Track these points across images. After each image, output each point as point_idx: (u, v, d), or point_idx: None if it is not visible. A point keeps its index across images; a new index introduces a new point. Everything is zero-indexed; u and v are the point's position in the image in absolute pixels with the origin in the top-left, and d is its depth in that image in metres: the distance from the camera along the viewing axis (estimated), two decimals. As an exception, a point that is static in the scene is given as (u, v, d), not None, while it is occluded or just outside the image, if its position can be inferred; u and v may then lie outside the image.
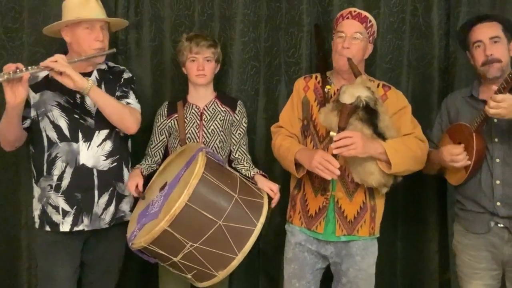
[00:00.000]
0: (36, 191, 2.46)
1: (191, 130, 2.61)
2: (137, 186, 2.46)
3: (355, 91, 2.23)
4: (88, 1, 2.40)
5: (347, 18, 2.44)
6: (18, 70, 2.13)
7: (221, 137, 2.62)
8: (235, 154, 2.67)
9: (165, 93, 2.92)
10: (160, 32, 2.88)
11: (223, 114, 2.64)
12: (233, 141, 2.67)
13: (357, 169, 2.33)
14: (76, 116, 2.40)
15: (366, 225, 2.42)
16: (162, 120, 2.66)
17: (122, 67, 2.61)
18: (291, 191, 2.58)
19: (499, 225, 2.35)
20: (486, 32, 2.37)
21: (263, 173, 2.59)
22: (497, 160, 2.35)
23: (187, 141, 2.60)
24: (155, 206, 2.27)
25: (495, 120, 2.34)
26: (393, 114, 2.40)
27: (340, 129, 2.24)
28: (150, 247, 2.15)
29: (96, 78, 2.45)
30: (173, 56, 2.83)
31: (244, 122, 2.71)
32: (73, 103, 2.40)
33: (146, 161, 2.66)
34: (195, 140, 2.60)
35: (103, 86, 2.44)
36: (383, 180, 2.34)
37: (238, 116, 2.67)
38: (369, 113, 2.27)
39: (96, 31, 2.38)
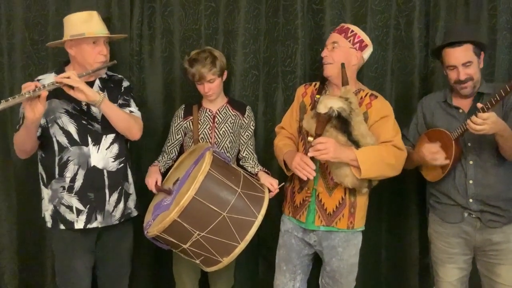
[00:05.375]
0: (46, 193, 2.50)
1: (204, 132, 2.74)
2: (156, 183, 2.58)
3: (328, 102, 2.34)
4: (92, 17, 2.47)
5: (332, 32, 2.61)
6: (37, 89, 2.17)
7: (231, 138, 2.75)
8: (243, 153, 2.81)
9: (175, 98, 3.07)
10: (171, 44, 3.02)
11: (233, 118, 2.78)
12: (242, 141, 2.80)
13: (335, 171, 2.45)
14: (84, 122, 2.46)
15: (345, 219, 2.51)
16: (178, 121, 2.79)
17: (120, 76, 2.67)
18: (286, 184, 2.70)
19: (472, 215, 2.50)
20: (459, 58, 2.42)
21: (266, 170, 2.72)
22: (471, 162, 2.49)
23: (200, 141, 2.72)
24: (168, 199, 2.39)
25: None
26: (374, 122, 2.47)
27: (317, 135, 2.38)
28: (163, 235, 2.28)
29: (98, 86, 2.52)
30: (181, 66, 2.94)
31: (252, 125, 2.83)
32: (80, 110, 2.46)
33: (163, 157, 2.79)
34: (207, 141, 2.71)
35: (105, 93, 2.50)
36: (357, 182, 2.43)
37: (246, 120, 2.81)
38: (342, 122, 2.37)
39: (100, 46, 2.45)
